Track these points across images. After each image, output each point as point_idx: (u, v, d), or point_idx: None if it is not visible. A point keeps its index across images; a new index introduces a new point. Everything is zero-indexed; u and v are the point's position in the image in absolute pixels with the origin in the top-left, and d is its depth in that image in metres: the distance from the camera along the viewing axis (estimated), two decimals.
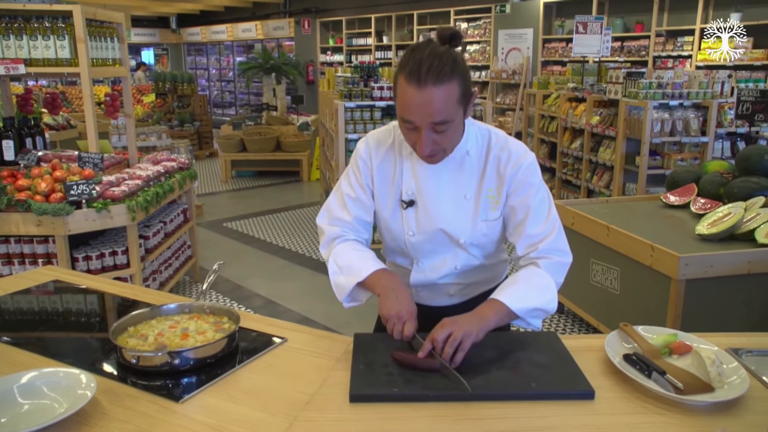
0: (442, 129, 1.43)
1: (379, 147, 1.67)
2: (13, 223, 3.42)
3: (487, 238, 1.63)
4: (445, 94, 1.38)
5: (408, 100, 1.40)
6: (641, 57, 8.63)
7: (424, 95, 1.38)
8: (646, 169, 5.24)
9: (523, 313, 1.51)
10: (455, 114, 1.43)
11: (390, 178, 1.65)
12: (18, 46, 3.56)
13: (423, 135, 1.44)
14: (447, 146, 1.50)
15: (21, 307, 1.96)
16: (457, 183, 1.60)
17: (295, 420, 1.27)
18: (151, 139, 7.72)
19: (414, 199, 1.61)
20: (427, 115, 1.40)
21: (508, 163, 1.58)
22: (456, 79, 1.40)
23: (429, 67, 1.37)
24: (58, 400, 1.30)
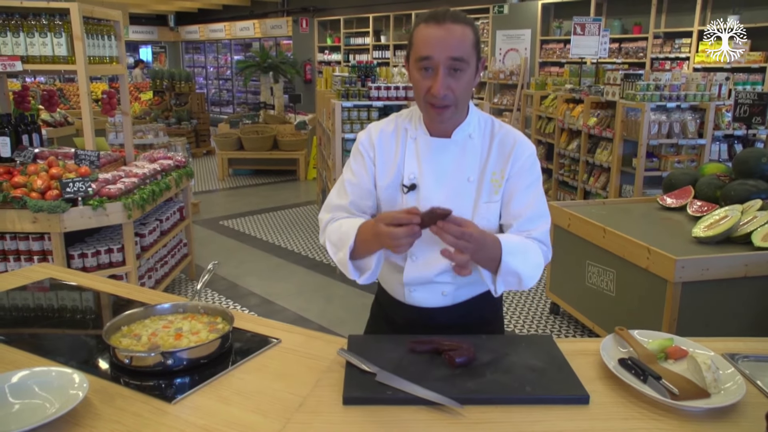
0: (458, 67, 1.48)
1: (381, 134, 1.70)
2: (9, 219, 3.40)
3: (487, 221, 1.62)
4: (463, 31, 1.48)
5: (427, 37, 1.48)
6: (639, 59, 8.64)
7: (443, 30, 1.47)
8: (643, 171, 5.24)
9: (505, 268, 1.50)
10: (470, 58, 1.49)
11: (391, 164, 1.66)
12: (15, 43, 3.55)
13: (440, 73, 1.47)
14: (459, 95, 1.52)
15: (15, 304, 1.95)
16: (460, 165, 1.62)
17: (288, 422, 1.26)
18: (148, 137, 7.70)
19: (416, 183, 1.62)
20: (446, 48, 1.46)
21: (513, 148, 1.62)
22: (469, 26, 1.51)
23: (447, 11, 1.50)
24: (50, 399, 1.29)
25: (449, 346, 1.46)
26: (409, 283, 1.70)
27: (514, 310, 4.38)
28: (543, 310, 4.36)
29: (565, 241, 3.92)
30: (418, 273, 1.68)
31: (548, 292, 4.22)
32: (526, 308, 4.40)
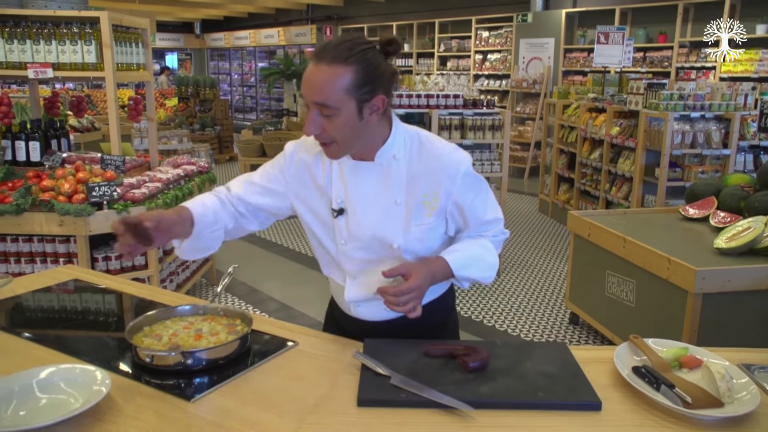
0: (327, 113, 1.42)
1: (308, 155, 1.65)
2: (37, 222, 3.49)
3: (421, 243, 1.60)
4: (331, 77, 1.39)
5: (305, 74, 1.44)
6: (664, 68, 8.56)
7: (315, 71, 1.41)
8: (666, 181, 5.20)
9: (462, 279, 1.59)
10: (341, 103, 1.40)
11: (320, 187, 1.63)
12: (47, 51, 3.66)
13: (310, 113, 1.44)
14: (337, 137, 1.45)
15: (41, 304, 2.01)
16: (386, 188, 1.57)
17: (303, 422, 1.29)
18: (172, 143, 7.83)
19: (344, 207, 1.59)
20: (310, 90, 1.42)
21: (446, 168, 1.55)
22: (350, 67, 1.39)
23: (327, 47, 1.41)
24: (74, 395, 1.34)
25: (463, 351, 1.48)
26: (351, 300, 1.69)
27: (533, 319, 4.36)
28: (562, 320, 4.34)
29: (584, 251, 3.90)
30: (359, 292, 1.67)
31: (567, 301, 4.20)
32: (545, 318, 4.38)
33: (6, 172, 3.73)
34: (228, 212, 1.68)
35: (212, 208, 1.64)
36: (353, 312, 1.72)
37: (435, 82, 5.38)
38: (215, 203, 1.67)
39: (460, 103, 4.95)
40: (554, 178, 7.25)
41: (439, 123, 4.84)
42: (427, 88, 5.34)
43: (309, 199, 1.65)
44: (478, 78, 11.45)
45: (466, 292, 4.84)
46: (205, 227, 1.61)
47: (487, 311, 4.49)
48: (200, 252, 1.66)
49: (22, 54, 3.65)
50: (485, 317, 4.39)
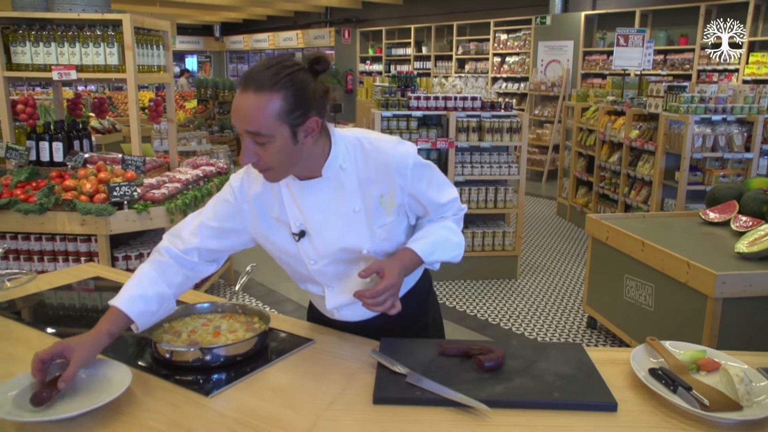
0: (261, 141, 1.38)
1: (255, 184, 1.60)
2: (59, 221, 3.55)
3: (389, 242, 1.62)
4: (260, 104, 1.35)
5: (233, 104, 1.39)
6: (685, 70, 8.47)
7: (240, 100, 1.37)
8: (686, 184, 5.14)
9: (432, 263, 1.63)
10: (274, 130, 1.37)
11: (274, 215, 1.60)
12: (71, 53, 3.73)
13: (244, 142, 1.41)
14: (274, 164, 1.43)
15: (64, 301, 2.05)
16: (341, 199, 1.55)
17: (319, 418, 1.30)
18: (191, 144, 7.90)
19: (304, 229, 1.57)
20: (240, 120, 1.37)
21: (392, 164, 1.54)
22: (279, 93, 1.35)
23: (252, 74, 1.38)
24: (96, 388, 1.37)
25: (479, 350, 1.48)
26: (333, 307, 1.70)
27: (551, 323, 4.34)
28: (580, 324, 4.31)
29: (602, 254, 3.88)
30: (339, 298, 1.68)
31: (585, 305, 4.17)
32: (562, 321, 4.36)
33: (30, 172, 3.80)
34: (175, 274, 1.63)
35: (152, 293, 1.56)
36: (337, 316, 1.72)
37: (453, 85, 5.38)
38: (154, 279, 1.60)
39: (477, 106, 4.95)
40: (572, 181, 7.20)
41: (457, 125, 4.84)
42: (444, 90, 5.34)
43: (268, 231, 1.62)
44: (496, 81, 11.42)
45: (483, 295, 4.82)
46: (151, 316, 1.56)
47: (503, 314, 4.48)
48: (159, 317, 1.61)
49: (47, 56, 3.73)
50: (502, 320, 4.38)
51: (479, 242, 5.10)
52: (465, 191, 4.95)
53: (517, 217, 5.16)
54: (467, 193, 4.96)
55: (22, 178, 3.73)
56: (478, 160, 4.96)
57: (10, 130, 3.99)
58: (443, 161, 5.00)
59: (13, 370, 1.43)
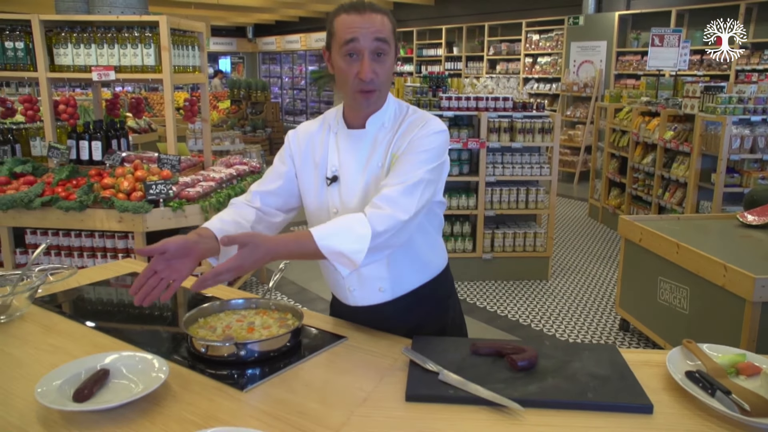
0: (382, 51, 1.55)
1: (306, 133, 1.76)
2: (98, 219, 3.64)
3: None
4: (383, 19, 1.56)
5: (350, 23, 1.53)
6: (722, 71, 8.29)
7: (366, 18, 1.53)
8: (723, 186, 5.03)
9: (329, 253, 1.46)
10: (392, 42, 1.57)
11: (315, 159, 1.72)
12: (110, 54, 3.82)
13: (366, 57, 1.53)
14: (383, 79, 1.58)
15: (103, 296, 2.10)
16: (375, 154, 1.66)
17: (352, 414, 1.31)
18: (224, 144, 8.01)
19: (337, 175, 1.68)
20: (371, 32, 1.52)
21: (413, 127, 1.62)
22: (388, 15, 1.59)
23: (362, 3, 1.56)
24: (135, 380, 1.40)
25: (512, 350, 1.48)
26: (347, 281, 1.72)
27: (582, 324, 4.29)
28: (612, 326, 4.25)
29: (636, 256, 3.82)
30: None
31: (617, 307, 4.12)
32: (594, 323, 4.31)
33: (71, 171, 3.90)
34: (247, 212, 1.75)
35: (229, 219, 1.69)
36: (349, 300, 1.77)
37: (484, 85, 5.35)
38: (230, 213, 1.73)
39: (509, 106, 4.92)
40: (605, 182, 7.11)
41: (489, 125, 4.82)
42: (476, 90, 5.32)
43: (305, 170, 1.74)
44: (528, 81, 11.33)
45: (513, 296, 4.79)
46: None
47: (534, 315, 4.45)
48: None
49: (88, 57, 3.83)
50: (533, 321, 4.34)
51: (510, 243, 5.07)
52: (496, 192, 4.93)
53: (548, 218, 5.11)
54: (498, 194, 4.93)
55: (63, 176, 3.83)
56: (510, 161, 4.94)
57: (52, 129, 4.11)
58: (474, 161, 4.99)
59: (57, 362, 1.48)
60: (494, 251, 5.06)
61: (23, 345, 1.61)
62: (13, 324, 1.75)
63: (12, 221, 3.72)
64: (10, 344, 1.62)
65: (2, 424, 1.26)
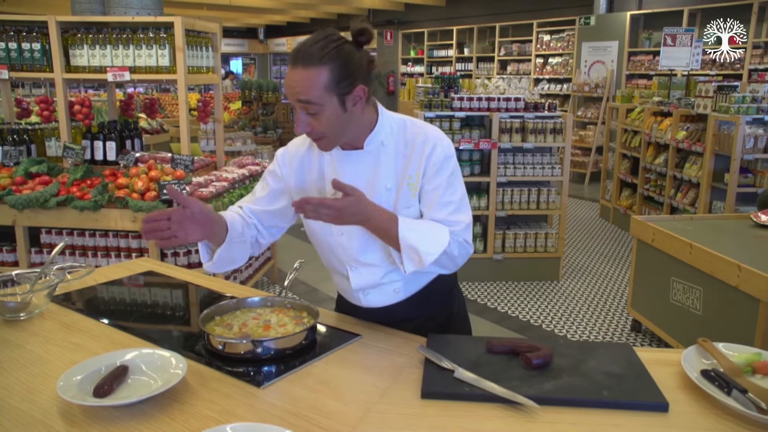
0: (313, 111, 1.47)
1: (297, 152, 1.73)
2: (112, 218, 3.68)
3: None
4: (309, 76, 1.44)
5: (286, 80, 1.50)
6: (735, 70, 8.23)
7: (292, 75, 1.47)
8: (736, 186, 5.00)
9: (404, 244, 1.53)
10: (324, 99, 1.46)
11: (312, 177, 1.70)
12: (125, 55, 3.86)
13: (297, 113, 1.50)
14: (326, 131, 1.51)
15: (119, 294, 2.13)
16: (376, 174, 1.63)
17: (368, 411, 1.32)
18: (236, 144, 8.05)
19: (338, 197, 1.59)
20: (292, 92, 1.48)
21: (425, 147, 1.60)
22: (327, 65, 1.44)
23: (301, 51, 1.46)
24: (154, 377, 1.42)
25: (526, 348, 1.49)
26: (359, 288, 1.74)
27: (594, 325, 4.28)
28: (624, 327, 4.24)
29: (648, 257, 3.81)
30: (364, 279, 1.72)
31: (630, 308, 4.10)
32: (605, 324, 4.30)
33: (85, 171, 3.94)
34: (248, 225, 1.75)
35: (237, 219, 1.71)
36: (363, 302, 1.77)
37: (496, 86, 5.36)
38: (238, 216, 1.74)
39: (521, 106, 4.92)
40: (616, 183, 7.08)
41: (500, 126, 4.81)
42: (488, 91, 5.32)
43: (303, 191, 1.71)
44: (539, 82, 11.30)
45: (524, 296, 4.79)
46: (236, 235, 1.66)
47: (546, 316, 4.44)
48: (229, 263, 1.71)
49: (103, 58, 3.87)
50: (544, 321, 4.34)
51: (521, 243, 5.07)
52: (507, 192, 4.93)
53: (559, 219, 5.10)
54: (510, 194, 4.93)
55: (78, 176, 3.87)
56: (521, 161, 4.93)
57: (68, 129, 4.15)
58: (486, 162, 4.99)
59: (77, 358, 1.50)
60: (505, 252, 5.06)
61: (44, 342, 1.64)
62: (32, 321, 1.78)
63: (28, 221, 3.76)
64: (30, 341, 1.64)
65: (26, 418, 1.28)
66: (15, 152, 4.21)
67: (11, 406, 1.33)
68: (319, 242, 1.77)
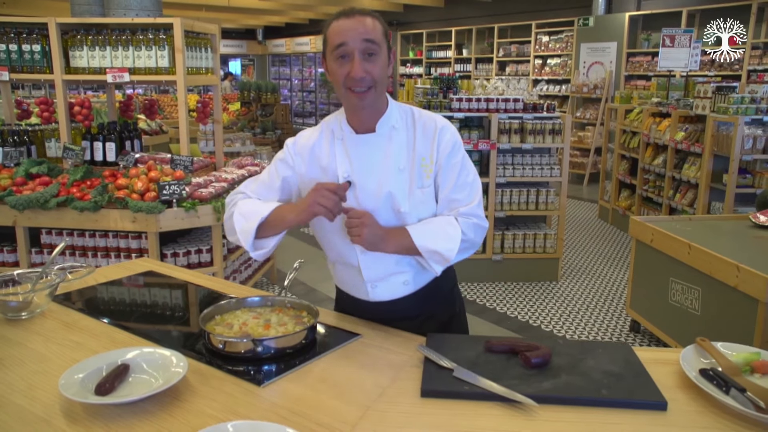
0: (372, 51, 1.58)
1: (307, 141, 1.78)
2: (112, 219, 3.68)
3: (425, 205, 1.71)
4: (372, 21, 1.61)
5: (340, 28, 1.59)
6: (734, 71, 8.25)
7: (355, 20, 1.59)
8: (735, 187, 5.01)
9: (424, 251, 1.63)
10: (381, 42, 1.61)
11: (324, 169, 1.74)
12: (124, 57, 3.87)
13: (356, 57, 1.57)
14: (376, 77, 1.60)
15: (119, 293, 2.13)
16: (388, 156, 1.70)
17: (368, 409, 1.33)
18: (235, 145, 8.06)
19: (350, 180, 1.69)
20: (359, 33, 1.57)
21: (436, 132, 1.71)
22: (378, 19, 1.63)
23: (354, 8, 1.63)
24: (155, 375, 1.43)
25: (525, 347, 1.49)
26: (369, 279, 1.76)
27: (593, 326, 4.29)
28: (623, 328, 4.25)
29: (647, 257, 3.82)
30: (376, 266, 1.74)
31: (628, 308, 4.11)
32: (604, 325, 4.31)
33: (85, 171, 3.94)
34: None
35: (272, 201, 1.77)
36: (371, 295, 1.78)
37: (494, 86, 5.37)
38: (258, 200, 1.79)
39: (519, 107, 4.93)
40: (615, 184, 7.09)
41: (499, 126, 4.82)
42: (486, 92, 5.33)
43: (315, 177, 1.73)
44: (538, 83, 11.32)
45: (523, 297, 4.80)
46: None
47: (544, 316, 4.45)
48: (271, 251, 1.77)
49: (103, 60, 3.88)
50: (543, 322, 4.35)
51: (520, 244, 5.08)
52: (506, 193, 4.93)
53: (558, 220, 5.11)
54: (509, 195, 4.94)
55: (77, 177, 3.87)
56: (520, 162, 4.94)
57: (67, 130, 4.16)
58: (485, 163, 4.99)
59: (78, 357, 1.51)
60: (504, 252, 5.07)
61: (45, 341, 1.65)
62: (34, 320, 1.78)
63: (28, 221, 3.77)
64: (32, 340, 1.65)
65: (28, 415, 1.29)
66: (15, 153, 4.21)
67: (13, 403, 1.34)
68: (331, 232, 1.76)
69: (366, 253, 1.71)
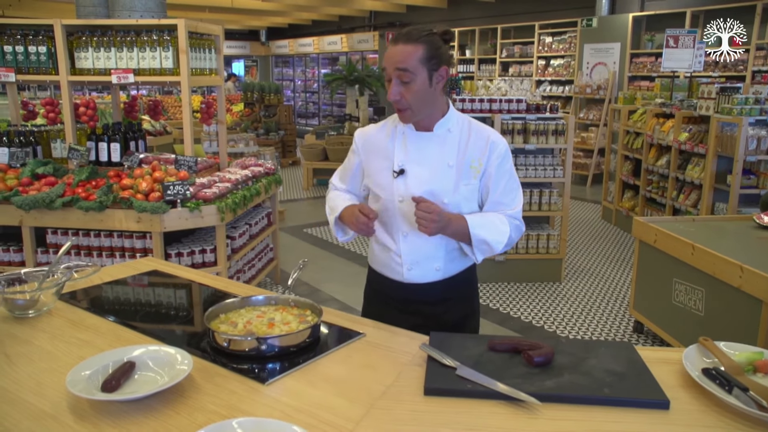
0: (406, 79, 1.77)
1: (372, 132, 2.03)
2: (117, 219, 3.70)
3: (467, 200, 1.91)
4: (408, 49, 1.76)
5: (386, 54, 1.81)
6: (738, 72, 8.24)
7: (393, 49, 1.78)
8: (739, 188, 5.01)
9: (476, 239, 1.84)
10: (417, 70, 1.76)
11: (383, 156, 1.96)
12: (129, 58, 3.89)
13: (392, 82, 1.79)
14: (412, 102, 1.80)
15: (125, 291, 2.15)
16: (441, 153, 1.89)
17: (372, 407, 1.34)
18: (239, 146, 8.08)
19: (404, 168, 1.89)
20: (392, 61, 1.77)
21: (488, 143, 1.89)
22: (422, 44, 1.76)
23: (402, 33, 1.80)
24: (161, 373, 1.44)
25: (528, 346, 1.50)
26: (407, 262, 1.94)
27: (596, 326, 4.29)
28: (626, 328, 4.25)
29: (650, 258, 3.82)
30: (415, 252, 1.93)
31: (632, 309, 4.11)
32: (608, 325, 4.31)
33: (90, 172, 3.96)
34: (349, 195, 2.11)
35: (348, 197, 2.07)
36: (406, 276, 1.95)
37: (498, 87, 5.37)
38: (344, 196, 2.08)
39: (523, 108, 4.93)
40: (618, 185, 7.09)
41: (502, 127, 4.83)
42: (489, 92, 5.34)
43: (374, 163, 1.98)
44: (541, 83, 11.31)
45: (526, 298, 4.80)
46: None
47: (548, 317, 4.45)
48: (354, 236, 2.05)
49: (107, 61, 3.90)
50: (546, 322, 4.35)
51: (523, 245, 5.08)
52: None
53: (561, 220, 5.11)
54: None
55: (83, 177, 3.89)
56: (523, 163, 4.95)
57: (73, 131, 4.18)
58: None
59: (85, 354, 1.52)
60: (507, 253, 5.07)
61: (52, 339, 1.66)
62: (41, 319, 1.80)
63: (34, 221, 3.79)
64: (39, 338, 1.67)
65: (36, 411, 1.30)
66: (21, 154, 4.23)
67: (22, 399, 1.35)
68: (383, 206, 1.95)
69: (407, 239, 1.92)
